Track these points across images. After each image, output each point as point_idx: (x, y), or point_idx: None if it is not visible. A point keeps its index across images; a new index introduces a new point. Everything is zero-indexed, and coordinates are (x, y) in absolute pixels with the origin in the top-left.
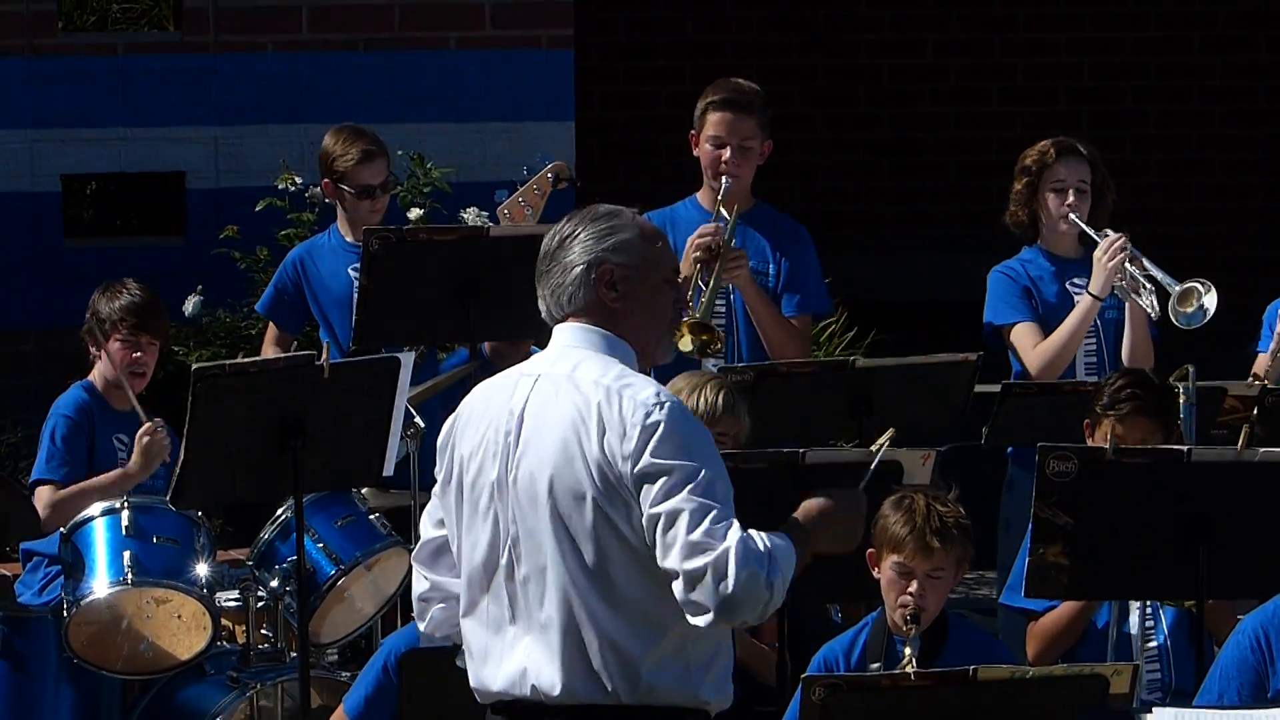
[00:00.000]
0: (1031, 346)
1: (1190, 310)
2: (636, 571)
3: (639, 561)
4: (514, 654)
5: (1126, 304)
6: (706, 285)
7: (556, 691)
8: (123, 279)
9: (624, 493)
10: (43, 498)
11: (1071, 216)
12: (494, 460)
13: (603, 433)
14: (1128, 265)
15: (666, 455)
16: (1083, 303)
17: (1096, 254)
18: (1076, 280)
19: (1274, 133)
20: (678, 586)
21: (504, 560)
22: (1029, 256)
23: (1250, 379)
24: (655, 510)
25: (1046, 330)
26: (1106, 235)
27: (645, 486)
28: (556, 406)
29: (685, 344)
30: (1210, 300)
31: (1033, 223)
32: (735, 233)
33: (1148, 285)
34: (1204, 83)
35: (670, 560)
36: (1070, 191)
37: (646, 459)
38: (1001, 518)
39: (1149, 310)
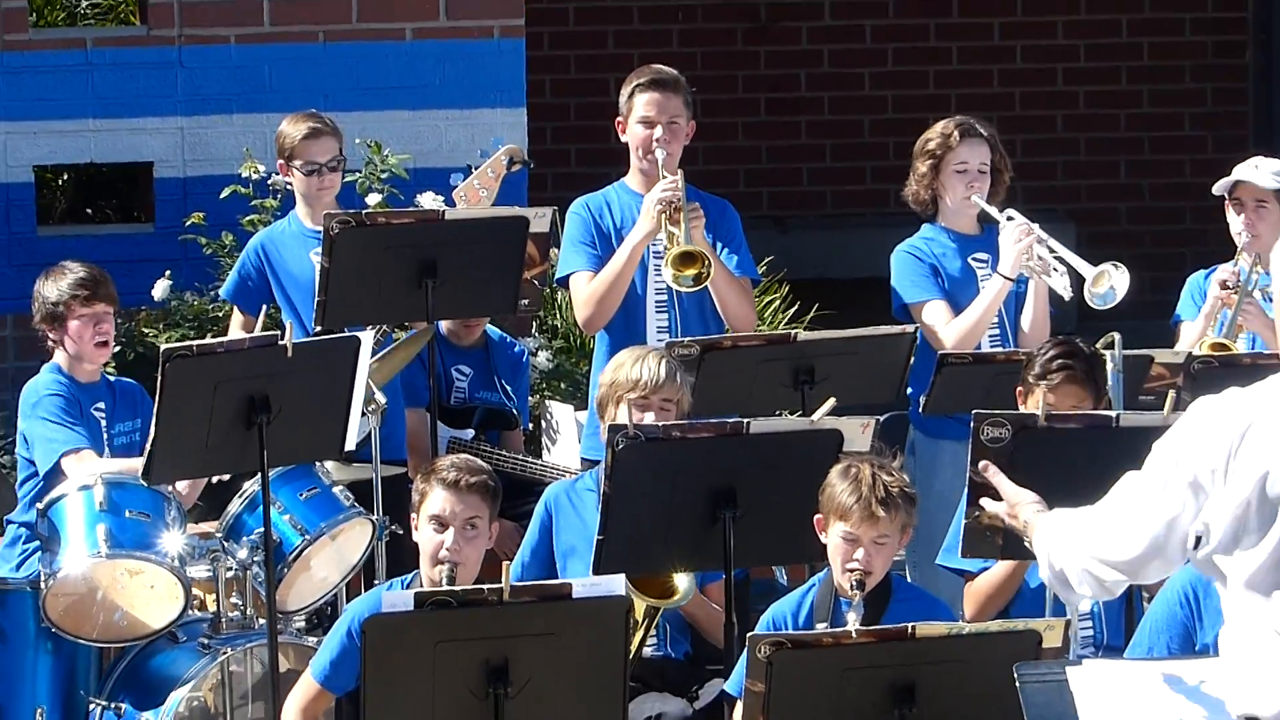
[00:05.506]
0: (943, 324)
1: (1103, 291)
2: None
3: None
4: None
5: (1030, 280)
6: (673, 236)
7: None
8: (60, 263)
9: None
10: (86, 460)
11: (974, 198)
12: None
13: None
14: (1036, 247)
15: None
16: (993, 283)
17: (1003, 237)
18: (978, 256)
19: (1199, 111)
20: None
21: None
22: (930, 235)
23: (1186, 350)
24: None
25: (953, 304)
26: (1012, 219)
27: None
28: None
29: (672, 278)
30: (1121, 281)
31: (933, 201)
32: (686, 193)
33: (1058, 267)
34: (1131, 64)
35: None
36: (973, 174)
37: None
38: None
39: (1062, 292)
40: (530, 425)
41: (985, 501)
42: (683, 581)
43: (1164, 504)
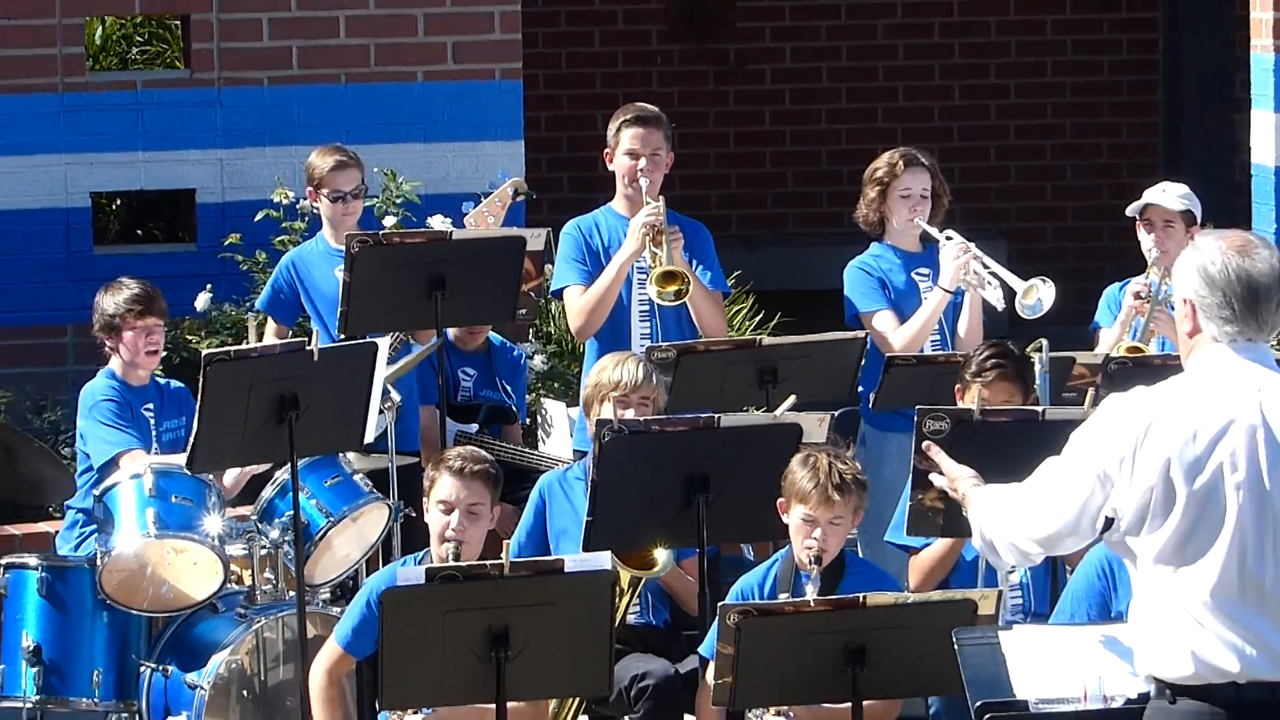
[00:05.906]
0: (890, 330)
1: (1031, 302)
2: None
3: None
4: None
5: (967, 292)
6: (656, 256)
7: None
8: (118, 279)
9: None
10: (138, 458)
11: (918, 220)
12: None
13: None
14: (972, 263)
15: None
16: (934, 295)
17: (943, 254)
18: (921, 270)
19: (1115, 142)
20: None
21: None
22: (879, 252)
23: (1105, 353)
24: None
25: (899, 313)
26: (950, 238)
27: None
28: None
29: (656, 294)
30: (1047, 294)
31: (881, 222)
32: (667, 217)
33: (992, 281)
34: (1056, 100)
35: None
36: (916, 198)
37: None
38: None
39: (996, 303)
40: (528, 420)
41: (932, 476)
42: (662, 555)
43: (1077, 489)
